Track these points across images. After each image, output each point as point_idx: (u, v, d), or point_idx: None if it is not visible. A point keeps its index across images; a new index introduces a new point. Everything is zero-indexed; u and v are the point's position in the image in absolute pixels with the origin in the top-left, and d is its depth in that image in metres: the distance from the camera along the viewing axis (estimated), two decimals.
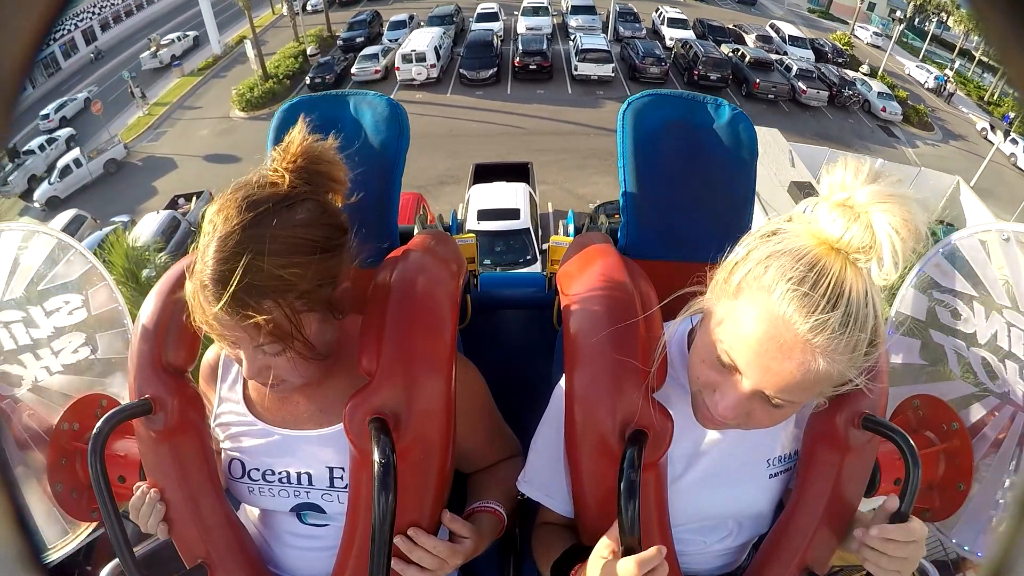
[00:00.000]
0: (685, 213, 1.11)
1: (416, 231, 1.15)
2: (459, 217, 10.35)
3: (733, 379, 0.73)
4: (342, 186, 0.90)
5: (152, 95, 19.18)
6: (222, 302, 0.75)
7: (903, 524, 0.79)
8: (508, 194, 10.36)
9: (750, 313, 0.69)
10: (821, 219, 0.67)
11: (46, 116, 17.78)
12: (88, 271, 1.23)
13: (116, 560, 0.87)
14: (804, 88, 18.00)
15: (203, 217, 0.81)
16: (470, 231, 9.97)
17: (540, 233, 10.21)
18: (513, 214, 9.94)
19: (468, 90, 18.28)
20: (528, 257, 9.67)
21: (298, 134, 0.86)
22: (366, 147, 1.10)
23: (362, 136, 1.10)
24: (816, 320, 0.65)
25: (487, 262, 9.68)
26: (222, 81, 19.72)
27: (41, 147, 16.31)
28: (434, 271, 0.95)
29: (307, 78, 18.86)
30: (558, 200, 12.98)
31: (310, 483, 0.93)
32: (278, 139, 1.03)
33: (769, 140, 12.43)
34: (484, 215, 9.93)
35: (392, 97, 1.09)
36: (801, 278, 0.66)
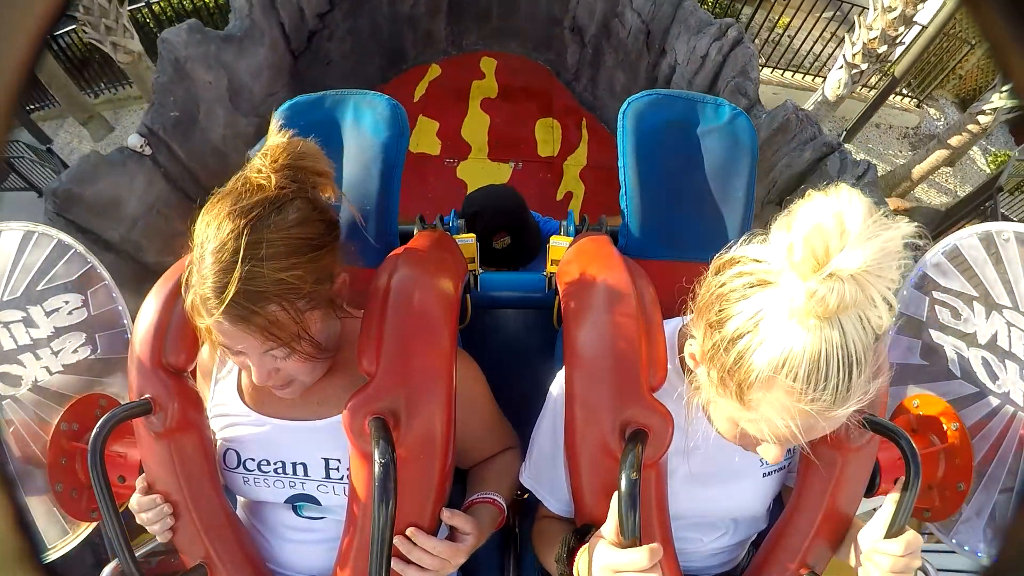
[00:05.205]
0: (685, 213, 1.11)
1: (416, 231, 1.15)
2: None
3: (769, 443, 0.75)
4: (327, 178, 0.88)
5: None
6: (226, 312, 0.74)
7: (896, 538, 0.79)
8: None
9: (775, 424, 0.68)
10: (809, 301, 0.60)
11: None
12: (88, 271, 1.23)
13: (116, 560, 0.87)
14: None
15: (191, 227, 0.79)
16: None
17: None
18: None
19: None
20: None
21: (276, 134, 0.85)
22: (366, 147, 1.10)
23: (362, 136, 1.10)
24: (840, 400, 0.64)
25: None
26: None
27: None
28: (434, 271, 0.95)
29: None
30: None
31: (305, 474, 0.93)
32: None
33: None
34: None
35: None
36: (814, 381, 0.62)
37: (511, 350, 1.52)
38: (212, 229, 0.76)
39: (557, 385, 0.93)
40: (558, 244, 1.37)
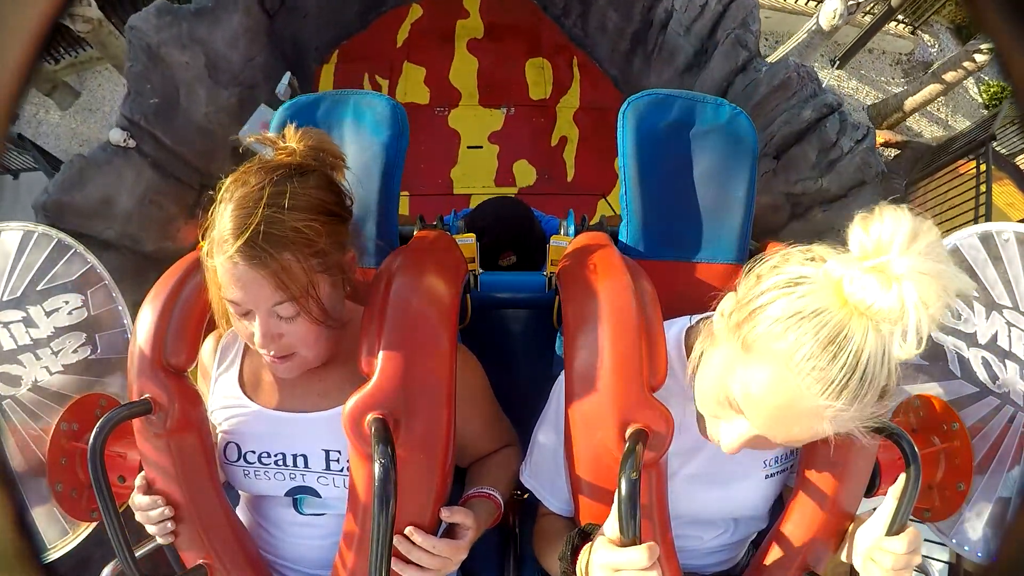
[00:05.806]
0: (685, 213, 1.11)
1: (416, 231, 1.15)
2: None
3: (739, 419, 0.74)
4: (342, 162, 0.94)
5: None
6: (241, 250, 0.77)
7: (898, 536, 0.79)
8: None
9: (761, 376, 0.68)
10: (850, 283, 0.61)
11: None
12: (88, 271, 1.23)
13: (116, 560, 0.87)
14: None
15: (217, 190, 0.83)
16: None
17: None
18: None
19: None
20: None
21: (290, 124, 0.91)
22: (366, 147, 1.10)
23: (362, 136, 1.11)
24: (830, 394, 0.64)
25: None
26: None
27: None
28: (433, 271, 0.95)
29: None
30: None
31: (306, 465, 0.94)
32: None
33: None
34: None
35: None
36: (820, 352, 0.63)
37: (511, 350, 1.52)
38: (238, 184, 0.81)
39: (558, 385, 0.93)
40: (558, 244, 1.37)
